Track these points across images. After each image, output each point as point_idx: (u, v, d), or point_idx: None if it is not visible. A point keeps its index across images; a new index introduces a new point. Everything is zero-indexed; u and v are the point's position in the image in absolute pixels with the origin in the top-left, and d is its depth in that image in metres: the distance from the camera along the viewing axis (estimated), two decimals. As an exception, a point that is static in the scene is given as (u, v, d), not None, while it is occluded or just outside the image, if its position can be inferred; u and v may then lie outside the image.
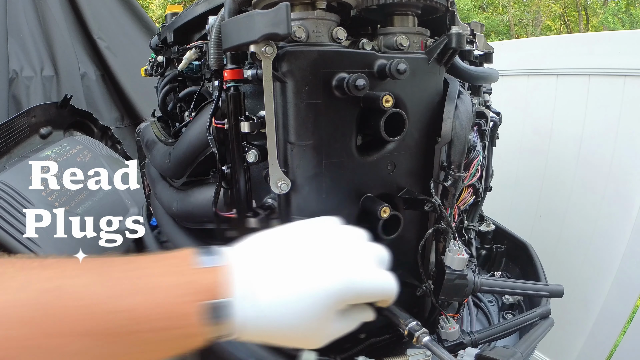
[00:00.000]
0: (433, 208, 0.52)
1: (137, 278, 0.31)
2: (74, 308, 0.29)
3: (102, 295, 0.30)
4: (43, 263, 0.31)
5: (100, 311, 0.29)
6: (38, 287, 0.29)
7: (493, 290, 0.55)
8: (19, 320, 0.28)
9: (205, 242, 0.68)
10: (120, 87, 1.89)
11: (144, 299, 0.30)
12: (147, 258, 0.34)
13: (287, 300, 0.33)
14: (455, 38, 0.49)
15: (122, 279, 0.31)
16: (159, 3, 12.03)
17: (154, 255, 0.34)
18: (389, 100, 0.44)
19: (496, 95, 0.86)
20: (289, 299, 0.33)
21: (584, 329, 1.32)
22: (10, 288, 0.29)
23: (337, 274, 0.35)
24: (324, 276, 0.34)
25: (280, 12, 0.38)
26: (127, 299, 0.30)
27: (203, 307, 0.31)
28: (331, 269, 0.35)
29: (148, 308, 0.30)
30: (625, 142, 1.19)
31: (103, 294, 0.30)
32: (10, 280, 0.29)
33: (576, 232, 1.33)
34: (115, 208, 1.28)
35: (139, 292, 0.30)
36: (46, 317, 0.28)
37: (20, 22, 1.65)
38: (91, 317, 0.29)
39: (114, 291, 0.30)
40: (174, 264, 0.33)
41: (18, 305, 0.28)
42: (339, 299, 0.35)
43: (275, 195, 0.50)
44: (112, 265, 0.32)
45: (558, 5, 14.16)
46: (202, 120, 0.60)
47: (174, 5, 0.83)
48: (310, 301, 0.34)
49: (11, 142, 1.24)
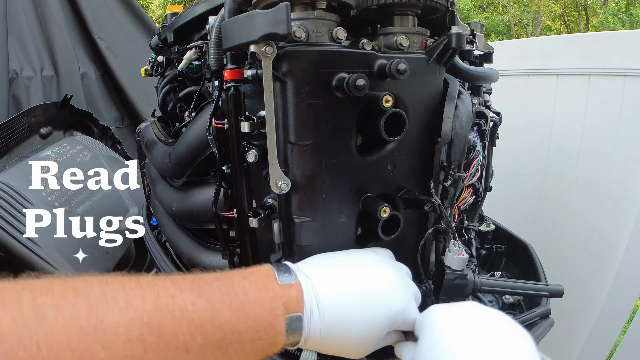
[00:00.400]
0: (433, 208, 0.52)
1: (234, 294, 0.34)
2: (186, 324, 0.31)
3: (208, 312, 0.32)
4: (140, 282, 0.32)
5: (210, 326, 0.32)
6: (147, 305, 0.30)
7: (493, 290, 0.55)
8: (136, 338, 0.29)
9: (205, 242, 0.68)
10: (121, 87, 1.89)
11: (242, 313, 0.34)
12: (233, 275, 0.37)
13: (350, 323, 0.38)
14: (455, 38, 0.49)
15: (220, 296, 0.34)
16: (159, 3, 12.03)
17: (237, 271, 0.38)
18: (389, 100, 0.44)
19: (496, 95, 0.86)
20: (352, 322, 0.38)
21: (584, 329, 1.32)
22: (118, 308, 0.29)
23: (394, 306, 0.41)
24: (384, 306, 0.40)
25: (281, 12, 0.38)
26: (228, 314, 0.33)
27: (286, 319, 0.35)
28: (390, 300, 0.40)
29: (244, 321, 0.33)
30: (625, 142, 1.19)
31: (208, 310, 0.32)
32: (115, 300, 0.30)
33: (576, 232, 1.33)
34: (115, 208, 1.28)
35: (238, 307, 0.34)
36: (161, 334, 0.30)
37: (21, 22, 1.65)
38: (202, 332, 0.32)
39: (216, 307, 0.33)
40: (259, 280, 0.37)
41: (131, 324, 0.29)
42: (390, 326, 0.41)
43: (275, 195, 0.50)
44: (205, 282, 0.35)
45: (558, 5, 14.16)
46: (202, 120, 0.60)
47: (174, 5, 0.83)
48: (370, 325, 0.39)
49: (11, 142, 1.25)
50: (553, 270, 1.34)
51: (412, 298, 0.44)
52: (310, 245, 0.48)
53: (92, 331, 0.27)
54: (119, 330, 0.28)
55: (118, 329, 0.28)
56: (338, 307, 0.38)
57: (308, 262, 0.44)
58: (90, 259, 1.08)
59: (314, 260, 0.44)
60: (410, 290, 0.45)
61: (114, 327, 0.28)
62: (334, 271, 0.41)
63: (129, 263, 1.31)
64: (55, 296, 0.28)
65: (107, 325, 0.28)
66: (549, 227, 1.41)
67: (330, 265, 0.42)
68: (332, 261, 0.44)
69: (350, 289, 0.39)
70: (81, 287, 0.30)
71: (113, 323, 0.28)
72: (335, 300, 0.38)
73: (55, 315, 0.27)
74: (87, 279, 0.31)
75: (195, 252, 0.68)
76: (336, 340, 0.38)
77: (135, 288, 0.31)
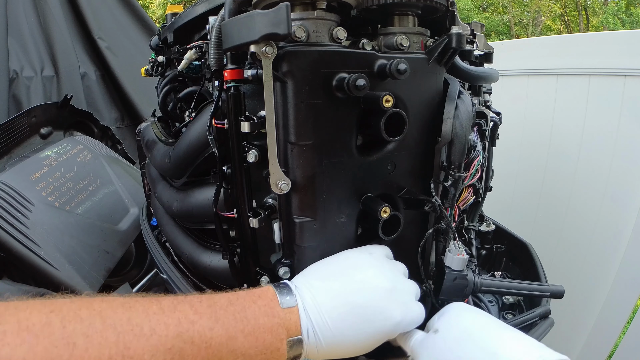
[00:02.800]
0: (433, 208, 0.52)
1: (246, 320, 0.37)
2: (205, 350, 0.34)
3: (224, 338, 0.35)
4: (161, 307, 0.35)
5: (225, 351, 0.35)
6: (170, 332, 0.33)
7: (493, 290, 0.55)
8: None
9: (205, 242, 0.68)
10: (121, 87, 1.89)
11: (253, 338, 0.37)
12: (244, 299, 0.40)
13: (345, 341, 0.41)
14: (455, 38, 0.49)
15: (234, 322, 0.37)
16: (159, 3, 12.04)
17: (246, 295, 0.40)
18: (389, 100, 0.44)
19: (496, 95, 0.86)
20: (347, 340, 0.41)
21: (584, 329, 1.32)
22: (143, 336, 0.32)
23: (389, 322, 0.42)
24: (378, 323, 0.42)
25: (281, 12, 0.38)
26: (242, 340, 0.36)
27: (289, 342, 0.39)
28: (384, 316, 0.42)
29: (255, 346, 0.37)
30: (625, 142, 1.19)
31: (224, 336, 0.36)
32: (140, 327, 0.32)
33: (576, 232, 1.33)
34: (116, 208, 1.28)
35: (250, 333, 0.37)
36: (182, 359, 0.33)
37: (21, 22, 1.65)
38: (218, 355, 0.35)
39: (231, 333, 0.36)
40: (267, 305, 0.40)
41: (155, 351, 0.31)
42: (386, 339, 0.44)
43: (275, 195, 0.50)
44: (220, 307, 0.38)
45: (558, 5, 14.16)
46: (203, 120, 0.60)
47: (174, 5, 0.83)
48: (366, 340, 0.42)
49: (11, 142, 1.24)
50: (553, 270, 1.34)
51: (410, 303, 0.45)
52: (311, 246, 0.48)
53: (120, 358, 0.30)
54: (144, 357, 0.31)
55: (143, 355, 0.31)
56: (333, 329, 0.40)
57: (304, 278, 0.45)
58: (91, 259, 1.08)
59: (310, 275, 0.45)
60: (407, 293, 0.45)
61: (140, 354, 0.31)
62: (330, 289, 0.42)
63: (129, 263, 1.31)
64: (84, 323, 0.30)
65: (134, 352, 0.30)
66: (549, 227, 1.41)
67: (325, 281, 0.43)
68: (327, 274, 0.45)
69: (344, 308, 0.41)
70: (107, 313, 0.32)
71: (139, 350, 0.31)
72: (329, 322, 0.40)
73: (85, 344, 0.29)
74: (112, 302, 0.33)
75: (195, 252, 0.68)
76: (334, 353, 0.41)
77: (157, 313, 0.34)
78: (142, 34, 2.04)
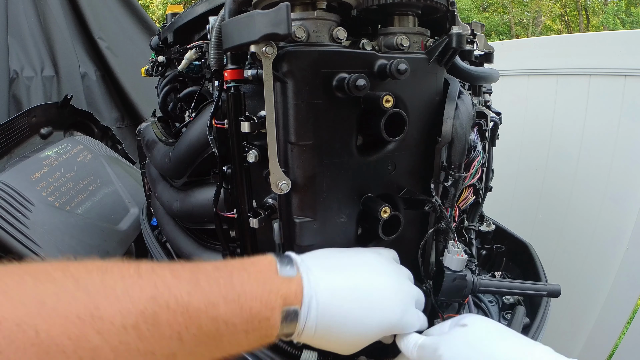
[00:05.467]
0: (433, 208, 0.52)
1: (231, 286, 0.35)
2: (181, 315, 0.32)
3: (203, 303, 0.33)
4: (139, 271, 0.33)
5: (204, 318, 0.32)
6: (143, 295, 0.31)
7: (491, 290, 0.55)
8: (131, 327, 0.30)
9: (205, 242, 0.68)
10: (121, 87, 1.89)
11: (237, 306, 0.34)
12: (233, 265, 0.37)
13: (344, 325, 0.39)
14: (455, 38, 0.49)
15: (217, 287, 0.34)
16: (160, 3, 12.04)
17: (237, 262, 0.38)
18: (390, 101, 0.44)
19: (496, 95, 0.86)
20: (347, 325, 0.39)
21: (584, 328, 1.32)
22: (115, 297, 0.30)
23: (389, 317, 0.41)
24: (380, 316, 0.41)
25: (281, 12, 0.38)
26: (223, 307, 0.33)
27: (282, 312, 0.36)
28: (386, 311, 0.41)
29: (239, 314, 0.34)
30: (625, 142, 1.19)
31: (203, 301, 0.33)
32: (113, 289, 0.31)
33: (577, 232, 1.33)
34: (116, 208, 1.28)
35: (233, 300, 0.34)
36: (155, 324, 0.31)
37: (21, 22, 1.65)
38: (196, 323, 0.32)
39: (211, 299, 0.33)
40: (259, 271, 0.37)
41: (126, 313, 0.30)
42: (383, 334, 0.43)
43: (275, 195, 0.50)
44: (204, 273, 0.35)
45: (558, 5, 14.16)
46: (203, 120, 0.60)
47: (174, 5, 0.83)
48: (364, 331, 0.40)
49: (12, 142, 1.24)
50: (553, 270, 1.34)
51: (410, 307, 0.45)
52: (311, 246, 0.48)
53: (88, 319, 0.28)
54: (114, 318, 0.29)
55: (114, 317, 0.29)
56: (335, 307, 0.38)
57: (312, 255, 0.43)
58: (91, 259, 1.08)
59: (318, 255, 0.44)
60: (410, 297, 0.45)
61: (110, 315, 0.29)
62: (336, 269, 0.41)
63: (129, 263, 1.31)
64: (56, 283, 0.29)
65: (104, 313, 0.29)
66: (549, 227, 1.41)
67: (333, 263, 0.42)
68: (335, 258, 0.44)
69: (350, 292, 0.40)
70: (82, 275, 0.31)
71: (110, 311, 0.29)
72: (334, 300, 0.38)
73: (54, 303, 0.28)
74: (88, 266, 0.32)
75: (195, 252, 0.68)
76: (328, 338, 0.40)
77: (133, 276, 0.32)
78: (142, 34, 2.04)
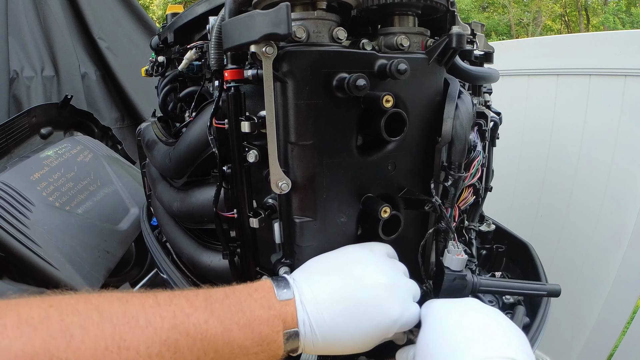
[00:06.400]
0: (433, 208, 0.52)
1: (242, 313, 0.38)
2: (200, 341, 0.35)
3: (219, 329, 0.36)
4: (157, 300, 0.35)
5: (220, 343, 0.35)
6: (165, 324, 0.34)
7: (491, 290, 0.55)
8: (156, 355, 0.32)
9: (205, 242, 0.68)
10: (121, 87, 1.89)
11: (249, 330, 0.37)
12: (240, 292, 0.40)
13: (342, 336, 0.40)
14: (455, 38, 0.49)
15: (229, 314, 0.37)
16: (160, 3, 12.04)
17: (243, 288, 0.41)
18: (390, 100, 0.44)
19: (496, 95, 0.86)
20: (344, 335, 0.40)
21: (584, 329, 1.32)
22: (139, 328, 0.32)
23: (387, 318, 0.42)
24: (376, 319, 0.41)
25: (281, 12, 0.38)
26: (237, 332, 0.37)
27: (285, 334, 0.39)
28: (382, 312, 0.42)
29: (250, 338, 0.37)
30: (625, 142, 1.19)
31: (219, 328, 0.36)
32: (136, 320, 0.33)
33: (577, 232, 1.33)
34: (116, 208, 1.28)
35: (245, 325, 0.37)
36: (177, 350, 0.33)
37: (21, 22, 1.65)
38: (213, 347, 0.35)
39: (226, 325, 0.36)
40: (262, 297, 0.40)
41: (150, 343, 0.32)
42: (384, 336, 0.43)
43: (275, 195, 0.50)
44: (216, 300, 0.38)
45: (558, 5, 14.16)
46: (203, 120, 0.60)
47: (174, 5, 0.83)
48: (363, 337, 0.41)
49: (12, 142, 1.24)
50: (553, 270, 1.34)
51: (408, 302, 0.44)
52: (311, 245, 0.48)
53: (115, 349, 0.30)
54: (140, 348, 0.31)
55: (139, 346, 0.31)
56: (329, 321, 0.40)
57: (302, 270, 0.45)
58: (91, 259, 1.08)
59: (307, 268, 0.45)
60: (406, 291, 0.45)
61: (136, 345, 0.31)
62: (326, 283, 0.42)
63: (129, 263, 1.31)
64: (81, 316, 0.31)
65: (130, 343, 0.31)
66: (549, 227, 1.41)
67: (322, 277, 0.43)
68: (325, 268, 0.45)
69: (342, 304, 0.41)
70: (104, 307, 0.33)
71: (135, 341, 0.31)
72: (325, 316, 0.40)
73: (82, 335, 0.30)
74: (109, 297, 0.34)
75: (195, 252, 0.68)
76: (332, 349, 0.41)
77: (153, 307, 0.34)
78: (142, 34, 2.04)
